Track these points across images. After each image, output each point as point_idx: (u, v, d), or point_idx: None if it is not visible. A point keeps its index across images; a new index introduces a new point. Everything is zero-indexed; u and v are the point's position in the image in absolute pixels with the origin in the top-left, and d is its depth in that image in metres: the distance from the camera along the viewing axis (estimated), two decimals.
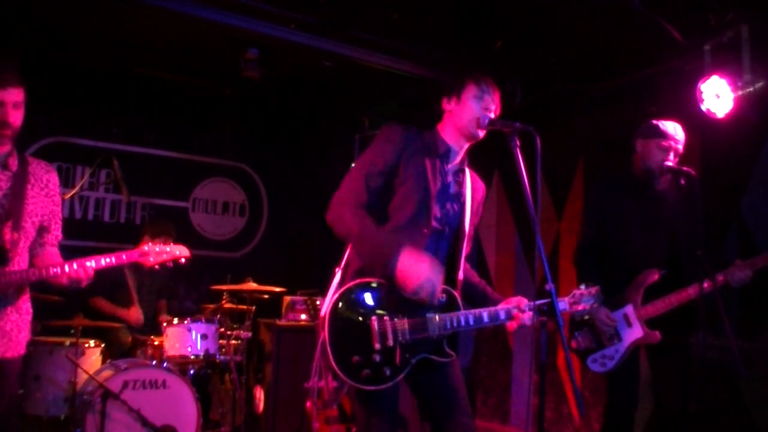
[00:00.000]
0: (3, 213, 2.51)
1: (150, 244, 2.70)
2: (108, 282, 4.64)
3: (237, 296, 4.94)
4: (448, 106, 2.61)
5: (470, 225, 2.64)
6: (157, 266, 2.68)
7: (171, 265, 2.73)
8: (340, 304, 2.39)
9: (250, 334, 4.79)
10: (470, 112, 2.54)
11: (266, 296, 5.02)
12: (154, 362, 4.09)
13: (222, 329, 4.58)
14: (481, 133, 2.57)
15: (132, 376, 3.74)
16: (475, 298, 2.68)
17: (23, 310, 2.63)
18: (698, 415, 3.08)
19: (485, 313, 2.51)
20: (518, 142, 2.34)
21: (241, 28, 3.93)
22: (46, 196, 2.65)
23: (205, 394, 4.59)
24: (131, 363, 3.93)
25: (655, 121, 3.24)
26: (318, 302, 4.82)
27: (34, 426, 3.89)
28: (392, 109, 5.58)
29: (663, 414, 3.19)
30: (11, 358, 2.53)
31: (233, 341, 4.64)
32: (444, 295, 2.50)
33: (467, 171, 2.70)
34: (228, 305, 4.81)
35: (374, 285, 2.42)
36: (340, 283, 2.47)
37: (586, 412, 4.59)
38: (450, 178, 2.61)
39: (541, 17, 3.83)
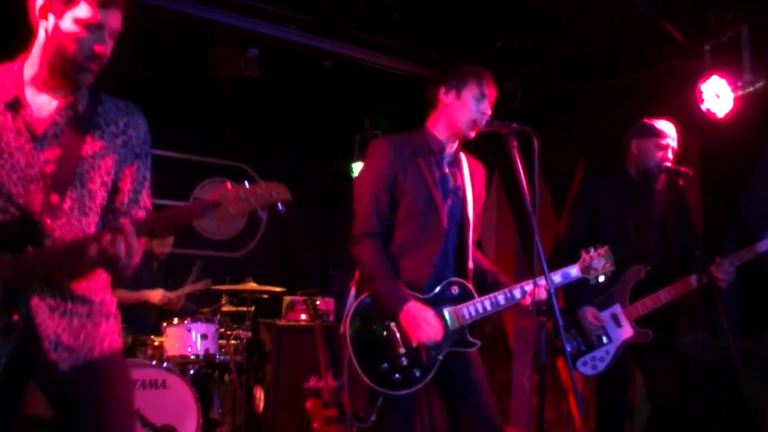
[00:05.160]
0: (45, 169, 1.72)
1: (228, 185, 1.75)
2: None
3: (237, 296, 4.94)
4: (446, 98, 2.56)
5: (474, 213, 2.63)
6: (238, 214, 1.76)
7: (263, 214, 1.79)
8: (358, 318, 2.41)
9: (250, 334, 4.80)
10: (467, 113, 2.51)
11: (266, 296, 5.02)
12: (154, 362, 4.09)
13: (222, 329, 4.59)
14: (473, 134, 2.55)
15: (132, 376, 3.72)
16: (487, 284, 2.67)
17: (98, 305, 1.85)
18: (698, 415, 3.06)
19: (501, 296, 2.52)
20: (516, 143, 2.34)
21: (241, 28, 3.93)
22: (123, 146, 1.90)
23: (205, 394, 4.59)
24: (131, 363, 3.93)
25: (648, 121, 3.23)
26: (318, 302, 4.83)
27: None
28: (392, 109, 5.57)
29: (658, 413, 3.17)
30: (99, 356, 1.80)
31: (233, 341, 4.64)
32: (456, 288, 2.51)
33: (463, 157, 2.68)
34: (227, 308, 4.81)
35: None
36: (355, 297, 2.47)
37: (586, 412, 4.58)
38: (447, 170, 2.59)
39: (541, 17, 3.83)
